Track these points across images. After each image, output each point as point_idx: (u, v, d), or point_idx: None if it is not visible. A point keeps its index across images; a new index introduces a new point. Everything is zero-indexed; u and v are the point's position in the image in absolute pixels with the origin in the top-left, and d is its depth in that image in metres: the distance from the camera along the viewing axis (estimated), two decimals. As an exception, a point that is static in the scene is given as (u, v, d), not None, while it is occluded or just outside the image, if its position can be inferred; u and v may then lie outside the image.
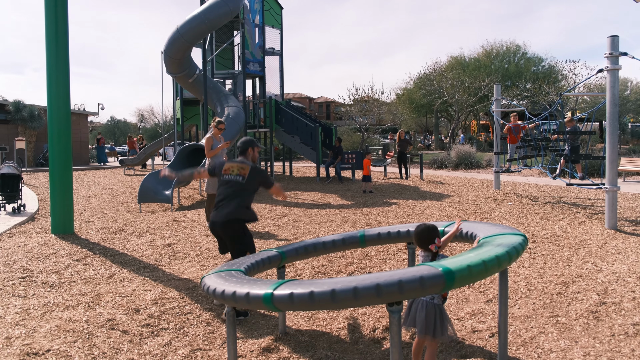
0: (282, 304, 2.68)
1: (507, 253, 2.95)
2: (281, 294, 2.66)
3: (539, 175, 16.94)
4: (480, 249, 3.03)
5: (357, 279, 2.60)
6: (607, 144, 8.07)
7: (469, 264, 2.69)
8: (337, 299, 2.53)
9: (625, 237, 7.30)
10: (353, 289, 2.51)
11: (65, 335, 4.09)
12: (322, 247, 4.41)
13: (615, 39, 7.86)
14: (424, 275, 2.53)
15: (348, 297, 2.52)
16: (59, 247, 6.99)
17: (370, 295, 2.50)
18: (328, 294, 2.55)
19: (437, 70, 39.74)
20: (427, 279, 2.52)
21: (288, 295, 2.64)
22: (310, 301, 2.59)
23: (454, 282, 2.58)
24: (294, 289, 2.65)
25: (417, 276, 2.53)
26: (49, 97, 7.98)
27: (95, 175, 19.71)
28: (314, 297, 2.58)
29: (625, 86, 42.97)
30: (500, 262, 2.87)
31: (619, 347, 3.74)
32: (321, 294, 2.56)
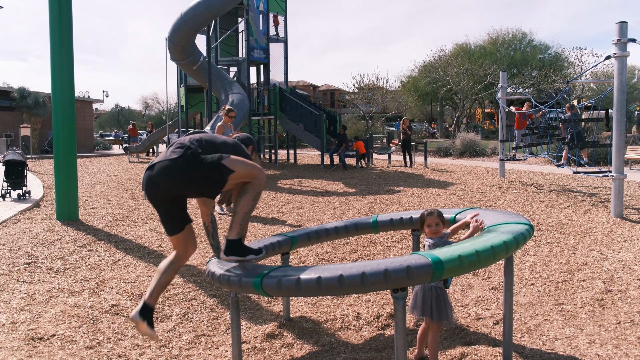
0: (271, 290, 2.78)
1: (505, 243, 2.86)
2: (269, 281, 2.76)
3: (545, 163, 16.86)
4: (479, 238, 2.99)
5: (344, 267, 2.62)
6: (614, 131, 8.00)
7: (461, 254, 2.64)
8: (323, 286, 2.57)
9: (632, 225, 7.26)
10: (339, 277, 2.54)
11: (70, 321, 4.10)
12: (334, 232, 4.39)
13: (624, 25, 7.76)
14: (411, 265, 2.51)
15: (334, 285, 2.56)
16: (64, 234, 7.00)
17: (355, 284, 2.52)
18: (314, 281, 2.59)
19: (443, 57, 39.51)
20: (414, 269, 2.50)
21: (276, 282, 2.71)
22: (297, 288, 2.65)
23: (443, 272, 2.55)
24: (283, 276, 2.72)
25: (404, 266, 2.51)
26: (53, 84, 7.96)
27: (99, 162, 19.74)
28: (300, 284, 2.63)
29: (633, 74, 42.62)
30: (496, 253, 2.79)
31: (625, 335, 3.73)
32: (308, 280, 2.61)
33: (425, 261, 2.54)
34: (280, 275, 2.75)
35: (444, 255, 2.61)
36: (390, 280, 2.50)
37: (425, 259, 2.56)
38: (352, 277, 2.52)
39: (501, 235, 2.98)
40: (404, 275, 2.49)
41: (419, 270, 2.50)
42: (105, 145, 31.94)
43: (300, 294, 2.74)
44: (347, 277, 2.52)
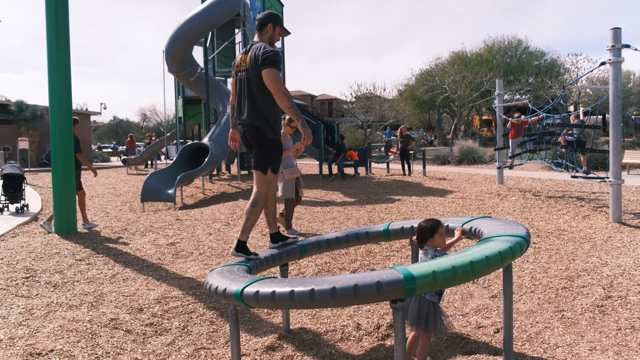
0: (250, 301, 2.86)
1: (487, 258, 2.78)
2: (249, 292, 2.84)
3: (543, 170, 16.88)
4: (464, 252, 2.91)
5: (316, 281, 2.65)
6: (611, 137, 8.02)
7: (435, 270, 2.60)
8: (296, 300, 2.63)
9: (630, 230, 7.26)
10: (310, 291, 2.58)
11: (68, 335, 4.08)
12: (345, 240, 4.39)
13: (618, 32, 7.81)
14: (382, 280, 2.51)
15: (305, 299, 2.61)
16: (62, 247, 6.98)
17: (326, 299, 2.56)
18: (287, 295, 2.65)
19: (439, 65, 39.70)
20: (384, 284, 2.50)
21: (254, 294, 2.79)
22: (272, 300, 2.71)
23: (415, 288, 2.54)
24: (261, 288, 2.78)
25: (374, 281, 2.51)
26: (50, 96, 7.97)
27: (98, 175, 19.74)
28: (275, 297, 2.69)
29: (628, 79, 42.81)
30: (475, 268, 2.71)
31: (626, 341, 3.71)
32: (282, 294, 2.67)
33: (397, 277, 2.53)
34: (258, 288, 2.80)
35: (417, 270, 2.59)
36: (360, 296, 2.51)
37: (397, 274, 2.55)
38: (322, 292, 2.55)
39: (486, 250, 2.90)
40: (374, 291, 2.50)
41: (389, 286, 2.50)
42: (104, 158, 31.96)
43: (276, 307, 2.82)
44: (317, 291, 2.56)
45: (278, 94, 3.88)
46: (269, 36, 4.17)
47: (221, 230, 8.20)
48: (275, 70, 3.88)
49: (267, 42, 4.15)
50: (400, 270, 2.59)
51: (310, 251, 4.32)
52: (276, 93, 3.88)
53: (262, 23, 4.16)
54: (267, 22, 4.14)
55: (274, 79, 3.87)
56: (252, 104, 4.04)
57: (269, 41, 4.17)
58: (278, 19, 4.22)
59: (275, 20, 4.18)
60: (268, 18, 4.16)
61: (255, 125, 4.04)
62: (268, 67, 3.87)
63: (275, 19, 4.19)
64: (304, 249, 4.22)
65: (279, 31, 4.23)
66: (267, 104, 4.02)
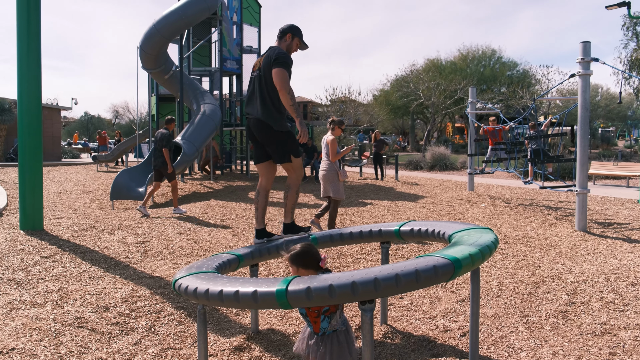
0: (184, 294, 2.95)
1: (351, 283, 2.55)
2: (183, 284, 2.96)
3: (512, 178, 17.19)
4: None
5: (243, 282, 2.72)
6: (578, 147, 8.22)
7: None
8: (224, 299, 2.69)
9: (594, 239, 7.45)
10: (234, 292, 2.64)
11: (31, 334, 3.99)
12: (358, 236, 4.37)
13: (587, 45, 8.02)
14: (258, 290, 2.56)
15: (231, 299, 2.65)
16: (27, 244, 6.82)
17: (248, 301, 2.60)
18: (216, 293, 2.70)
19: (414, 72, 40.09)
20: (259, 295, 2.55)
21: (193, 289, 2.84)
22: (205, 296, 2.77)
23: (286, 301, 2.51)
24: (198, 284, 2.85)
25: (349, 282, 2.45)
26: (19, 90, 7.79)
27: (67, 171, 19.33)
28: (208, 294, 2.77)
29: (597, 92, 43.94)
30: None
31: (587, 346, 3.81)
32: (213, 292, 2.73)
33: (271, 291, 2.54)
34: (198, 283, 2.87)
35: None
36: (258, 301, 2.57)
37: (272, 288, 2.54)
38: (319, 289, 2.51)
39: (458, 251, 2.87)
40: (249, 299, 2.54)
41: (263, 297, 2.55)
42: (73, 154, 31.33)
43: (210, 303, 2.85)
44: (241, 293, 2.61)
45: (282, 91, 4.20)
46: (286, 45, 4.49)
47: (192, 229, 8.12)
48: (284, 70, 4.22)
49: (285, 49, 4.47)
50: (278, 282, 2.61)
51: (323, 244, 4.33)
52: (281, 90, 4.20)
53: (282, 31, 4.50)
54: (287, 32, 4.50)
55: (281, 78, 4.20)
56: (262, 100, 4.33)
57: (285, 49, 4.48)
58: (298, 32, 4.53)
59: (295, 32, 4.51)
60: (289, 29, 4.49)
61: (261, 119, 4.32)
62: (278, 67, 4.21)
63: (295, 31, 4.51)
64: (315, 242, 4.26)
65: (297, 43, 4.54)
66: (275, 101, 4.32)
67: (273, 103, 4.31)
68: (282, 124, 4.37)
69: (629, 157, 26.08)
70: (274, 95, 4.30)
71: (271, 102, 4.30)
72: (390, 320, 4.51)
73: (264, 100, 4.31)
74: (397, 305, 4.88)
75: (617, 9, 11.35)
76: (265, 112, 4.31)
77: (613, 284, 5.18)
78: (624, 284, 5.17)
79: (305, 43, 4.59)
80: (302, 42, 4.56)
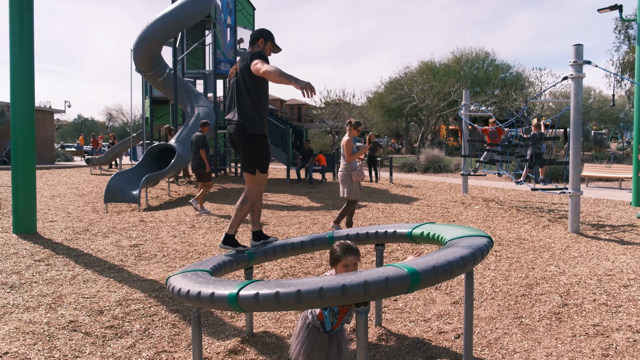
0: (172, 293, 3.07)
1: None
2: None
3: (506, 180, 17.26)
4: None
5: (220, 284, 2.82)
6: (571, 150, 8.27)
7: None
8: (190, 297, 2.88)
9: (587, 241, 7.49)
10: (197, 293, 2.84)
11: (24, 337, 3.97)
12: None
13: (580, 48, 8.07)
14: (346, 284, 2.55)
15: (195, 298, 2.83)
16: (21, 247, 6.79)
17: (205, 300, 2.77)
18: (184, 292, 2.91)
19: (408, 74, 40.19)
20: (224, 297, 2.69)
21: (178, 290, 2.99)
22: (187, 297, 2.92)
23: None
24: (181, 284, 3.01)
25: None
26: (12, 92, 7.76)
27: (60, 174, 19.26)
28: (181, 293, 2.95)
29: (589, 94, 44.21)
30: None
31: (580, 347, 3.83)
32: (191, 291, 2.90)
33: (226, 295, 2.68)
34: (177, 282, 3.07)
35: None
36: (233, 304, 2.64)
37: (228, 291, 2.69)
38: (287, 294, 2.55)
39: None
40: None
41: (219, 300, 2.71)
42: (67, 157, 31.20)
43: (183, 301, 3.02)
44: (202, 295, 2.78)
45: (266, 71, 3.92)
46: (259, 50, 4.34)
47: (186, 232, 8.11)
48: (261, 60, 4.10)
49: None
50: (235, 286, 2.73)
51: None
52: (265, 72, 3.92)
53: (254, 38, 4.40)
54: (258, 37, 4.37)
55: (259, 62, 4.04)
56: (239, 103, 4.24)
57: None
58: (269, 36, 4.42)
59: (267, 36, 4.40)
60: (260, 34, 4.39)
61: (239, 122, 4.22)
62: (254, 59, 4.11)
63: (266, 35, 4.40)
64: (330, 240, 4.33)
65: (270, 47, 4.42)
66: (255, 103, 4.22)
67: (254, 104, 4.19)
68: (258, 126, 4.21)
69: (622, 159, 26.22)
70: (254, 96, 4.20)
71: (251, 103, 4.19)
72: (385, 322, 4.52)
73: (242, 103, 4.21)
74: (392, 308, 4.89)
75: (609, 12, 11.43)
76: (242, 114, 4.20)
77: (606, 286, 5.22)
78: (617, 286, 5.20)
79: (277, 46, 4.47)
80: (274, 46, 4.44)
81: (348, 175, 7.77)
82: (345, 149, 7.73)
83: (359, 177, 7.81)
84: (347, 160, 7.76)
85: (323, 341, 3.01)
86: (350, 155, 7.71)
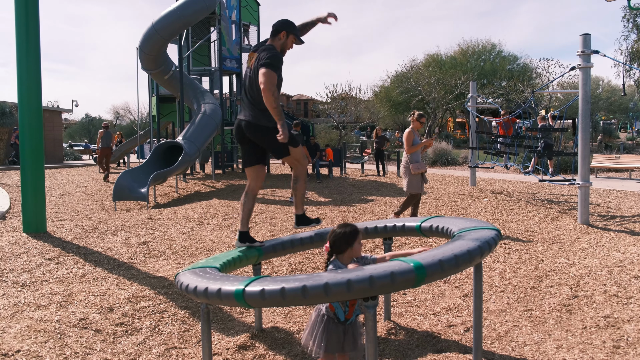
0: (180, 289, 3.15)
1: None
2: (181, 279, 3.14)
3: (514, 172, 17.17)
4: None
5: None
6: (580, 140, 8.21)
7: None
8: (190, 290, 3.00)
9: (597, 232, 7.44)
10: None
11: (36, 336, 4.00)
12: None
13: (587, 37, 7.99)
14: (212, 288, 2.76)
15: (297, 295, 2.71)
16: (31, 246, 6.84)
17: (298, 297, 2.61)
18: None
19: (414, 68, 39.99)
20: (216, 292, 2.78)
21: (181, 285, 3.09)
22: (194, 294, 2.98)
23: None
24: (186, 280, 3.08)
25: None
26: (19, 93, 7.79)
27: (69, 173, 19.36)
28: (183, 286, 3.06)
29: (597, 84, 43.86)
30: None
31: (591, 339, 3.81)
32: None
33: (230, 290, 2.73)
34: (186, 278, 3.12)
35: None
36: (240, 299, 2.68)
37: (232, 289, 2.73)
38: (293, 290, 2.56)
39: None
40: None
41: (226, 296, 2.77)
42: (75, 156, 31.37)
43: (190, 296, 3.09)
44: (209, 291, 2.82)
45: (266, 92, 3.93)
46: (281, 43, 4.24)
47: (194, 229, 8.14)
48: (272, 72, 3.97)
49: (279, 48, 4.24)
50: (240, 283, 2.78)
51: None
52: (265, 91, 3.93)
53: (275, 30, 4.24)
54: (280, 30, 4.22)
55: (267, 79, 3.94)
56: (251, 102, 4.20)
57: (280, 48, 4.25)
58: (292, 28, 4.28)
59: (289, 28, 4.25)
60: (281, 25, 4.24)
61: (252, 121, 4.19)
62: (265, 68, 3.97)
63: (289, 27, 4.25)
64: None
65: (293, 39, 4.29)
66: (263, 102, 4.13)
67: (263, 104, 4.12)
68: (270, 118, 4.14)
69: (631, 149, 26.03)
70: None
71: (262, 103, 4.11)
72: (394, 316, 4.52)
73: (254, 101, 4.18)
74: (401, 302, 4.89)
75: (617, 0, 11.30)
76: (256, 113, 4.17)
77: (616, 277, 5.18)
78: (627, 277, 5.16)
79: (300, 38, 4.35)
80: (297, 38, 4.31)
81: (408, 168, 7.59)
82: (406, 141, 7.58)
83: (419, 170, 7.57)
84: (407, 153, 7.60)
85: (338, 332, 3.02)
86: (410, 147, 7.54)
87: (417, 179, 7.59)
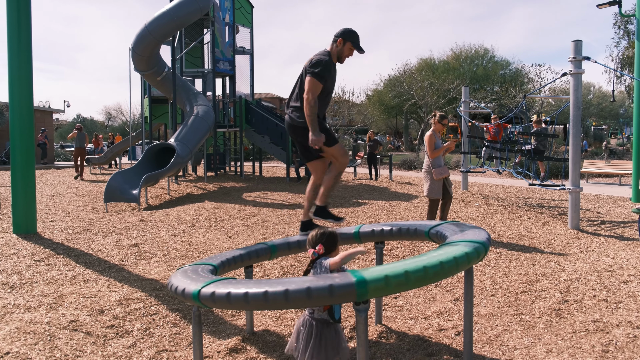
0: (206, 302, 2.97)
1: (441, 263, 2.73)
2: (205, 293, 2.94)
3: (506, 177, 17.27)
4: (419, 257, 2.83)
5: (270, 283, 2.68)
6: (570, 146, 8.27)
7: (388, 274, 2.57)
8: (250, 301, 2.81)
9: (587, 237, 7.50)
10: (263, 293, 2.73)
11: (25, 337, 3.98)
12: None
13: (579, 44, 8.06)
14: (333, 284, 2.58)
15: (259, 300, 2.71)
16: (21, 247, 6.80)
17: (279, 301, 2.59)
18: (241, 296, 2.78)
19: (407, 72, 40.18)
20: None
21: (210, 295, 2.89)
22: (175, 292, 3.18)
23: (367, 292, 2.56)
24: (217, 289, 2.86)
25: (326, 284, 2.52)
26: (10, 93, 7.75)
27: (60, 174, 19.25)
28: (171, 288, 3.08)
29: (589, 90, 44.22)
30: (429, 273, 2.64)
31: (580, 344, 3.84)
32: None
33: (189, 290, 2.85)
34: (174, 277, 3.20)
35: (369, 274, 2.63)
36: (312, 298, 2.57)
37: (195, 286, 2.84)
38: (275, 294, 2.56)
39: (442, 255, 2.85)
40: (326, 294, 2.52)
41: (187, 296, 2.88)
42: (66, 157, 31.19)
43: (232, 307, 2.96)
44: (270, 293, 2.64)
45: (306, 101, 4.17)
46: (337, 50, 4.38)
47: (186, 231, 8.12)
48: (315, 80, 4.20)
49: (336, 54, 4.40)
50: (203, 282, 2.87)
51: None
52: (306, 100, 4.17)
53: (335, 36, 4.41)
54: (338, 37, 4.37)
55: (310, 87, 4.19)
56: (295, 100, 4.41)
57: (337, 54, 4.41)
58: (351, 36, 4.38)
59: (347, 36, 4.37)
60: (341, 33, 4.38)
61: (293, 124, 4.43)
62: (310, 76, 4.20)
63: (347, 35, 4.37)
64: (356, 235, 4.33)
65: (350, 47, 4.41)
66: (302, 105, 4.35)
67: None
68: (304, 119, 4.36)
69: (621, 155, 26.24)
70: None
71: (301, 105, 4.33)
72: (385, 320, 4.53)
73: (296, 99, 4.39)
74: (392, 305, 4.90)
75: (609, 7, 11.41)
76: (297, 115, 4.37)
77: (606, 282, 5.22)
78: (617, 282, 5.21)
79: (361, 47, 4.42)
80: (356, 47, 4.40)
81: (430, 173, 7.29)
82: (427, 144, 7.27)
83: (442, 175, 7.26)
84: (430, 157, 7.29)
85: (329, 336, 3.00)
86: (433, 151, 7.25)
87: (438, 185, 7.30)
